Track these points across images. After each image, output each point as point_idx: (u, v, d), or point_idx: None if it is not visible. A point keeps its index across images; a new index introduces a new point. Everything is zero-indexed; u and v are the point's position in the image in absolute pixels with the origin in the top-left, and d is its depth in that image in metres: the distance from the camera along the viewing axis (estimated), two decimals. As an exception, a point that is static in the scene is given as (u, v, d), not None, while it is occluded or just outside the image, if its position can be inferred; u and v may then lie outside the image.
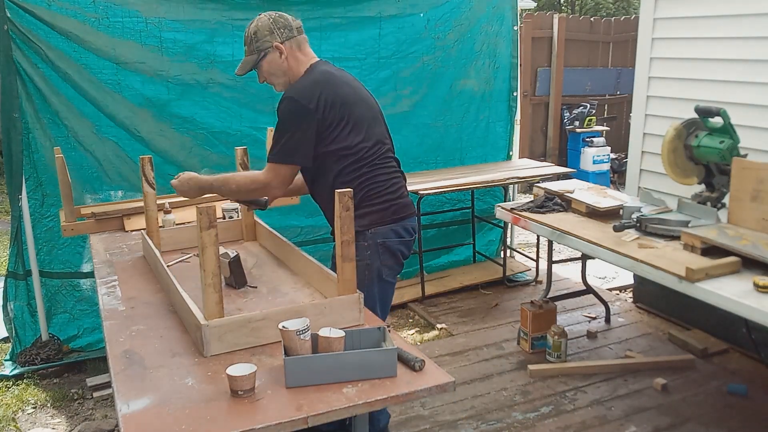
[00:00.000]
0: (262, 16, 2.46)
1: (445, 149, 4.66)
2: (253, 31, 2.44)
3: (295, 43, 2.45)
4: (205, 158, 3.88)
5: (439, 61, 4.44)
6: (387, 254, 2.44)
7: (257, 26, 2.43)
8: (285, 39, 2.42)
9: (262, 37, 2.42)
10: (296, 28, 2.46)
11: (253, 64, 2.47)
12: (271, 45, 2.41)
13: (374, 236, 2.39)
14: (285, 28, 2.43)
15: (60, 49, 3.46)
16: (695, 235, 2.59)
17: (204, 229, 1.81)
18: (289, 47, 2.43)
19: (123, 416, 1.56)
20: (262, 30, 2.42)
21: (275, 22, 2.43)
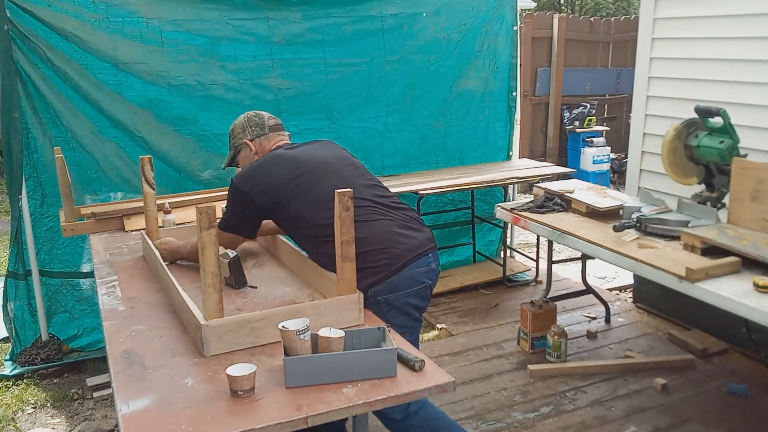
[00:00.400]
0: (242, 115, 2.68)
1: (445, 149, 4.66)
2: (232, 128, 2.68)
3: (265, 139, 2.62)
4: (207, 160, 3.87)
5: (442, 61, 4.45)
6: (395, 312, 2.20)
7: (234, 124, 2.67)
8: (255, 136, 2.61)
9: (236, 135, 2.65)
10: (269, 126, 2.63)
11: (230, 159, 2.71)
12: (243, 142, 2.62)
13: (375, 295, 2.19)
14: (257, 126, 2.63)
15: (60, 50, 3.45)
16: (695, 235, 2.59)
17: (204, 229, 1.81)
18: (258, 143, 2.61)
19: (123, 416, 1.56)
20: (237, 128, 2.65)
21: (249, 121, 2.65)
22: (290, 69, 3.96)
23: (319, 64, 4.04)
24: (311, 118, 4.09)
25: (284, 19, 3.89)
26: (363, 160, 4.37)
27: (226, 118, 3.87)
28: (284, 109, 3.98)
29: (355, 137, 4.26)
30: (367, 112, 4.27)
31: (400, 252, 2.22)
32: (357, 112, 4.25)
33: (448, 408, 3.10)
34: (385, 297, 2.19)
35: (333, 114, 4.16)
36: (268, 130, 2.62)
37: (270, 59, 3.88)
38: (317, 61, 4.03)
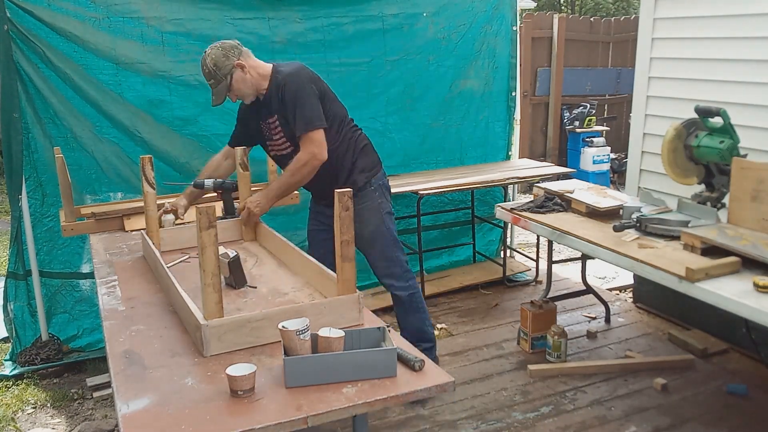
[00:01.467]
0: (209, 50, 2.80)
1: (445, 149, 4.66)
2: (212, 65, 2.77)
3: (245, 55, 2.81)
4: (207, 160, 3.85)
5: (441, 61, 4.45)
6: (387, 192, 3.09)
7: (213, 59, 2.77)
8: (238, 56, 2.78)
9: (222, 65, 2.76)
10: (237, 44, 2.83)
11: (226, 89, 2.80)
12: (233, 65, 2.76)
13: (377, 180, 3.01)
14: (233, 48, 2.79)
15: (60, 50, 3.45)
16: (695, 235, 2.59)
17: (204, 229, 1.81)
18: (245, 60, 2.78)
19: (123, 416, 1.56)
20: (219, 59, 2.76)
21: (223, 48, 2.78)
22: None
23: (320, 64, 4.03)
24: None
25: (285, 19, 3.89)
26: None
27: (226, 118, 3.87)
28: None
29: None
30: (367, 112, 4.26)
31: (378, 156, 3.12)
32: (357, 112, 4.21)
33: (448, 408, 3.10)
34: (383, 182, 3.05)
35: None
36: (239, 48, 2.81)
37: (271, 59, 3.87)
38: (317, 61, 4.02)
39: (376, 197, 2.99)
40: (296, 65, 2.84)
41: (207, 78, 2.82)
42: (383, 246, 3.03)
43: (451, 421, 3.01)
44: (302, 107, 2.71)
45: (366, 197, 2.97)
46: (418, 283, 3.22)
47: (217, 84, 2.79)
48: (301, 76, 2.75)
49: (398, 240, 3.11)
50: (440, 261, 4.83)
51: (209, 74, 2.79)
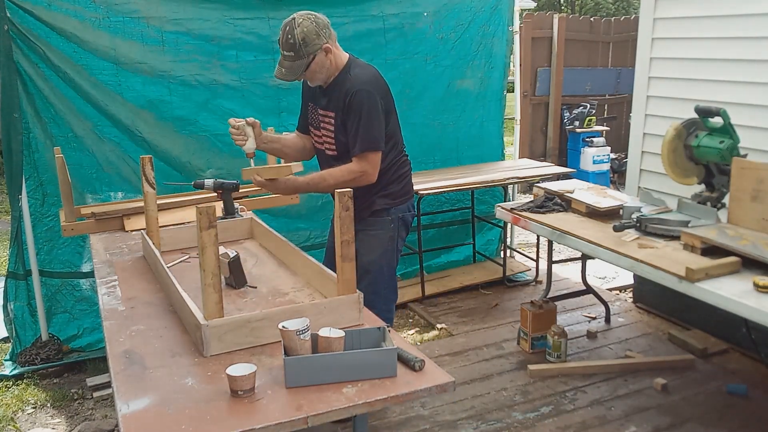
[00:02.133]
0: (301, 20, 2.50)
1: (442, 149, 4.66)
2: (301, 37, 2.49)
3: (333, 39, 2.60)
4: (208, 160, 3.86)
5: (439, 61, 4.45)
6: (402, 226, 2.85)
7: (304, 32, 2.49)
8: (328, 37, 2.56)
9: (311, 42, 2.50)
10: (329, 24, 2.60)
11: (304, 68, 2.55)
12: (320, 47, 2.53)
13: (397, 212, 2.79)
14: (326, 27, 2.56)
15: (60, 49, 3.45)
16: (695, 235, 2.59)
17: (204, 229, 1.81)
18: (334, 46, 2.59)
19: (123, 416, 1.56)
20: (310, 34, 2.49)
21: (317, 24, 2.52)
22: None
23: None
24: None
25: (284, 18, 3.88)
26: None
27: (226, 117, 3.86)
28: (284, 109, 3.98)
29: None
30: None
31: (412, 185, 2.93)
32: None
33: (448, 408, 3.10)
34: (403, 215, 2.83)
35: None
36: (331, 29, 2.61)
37: (272, 59, 3.88)
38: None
39: (390, 228, 2.78)
40: (372, 73, 2.65)
41: (285, 48, 2.52)
42: (375, 279, 2.78)
43: (451, 421, 3.01)
44: (368, 126, 2.55)
45: (377, 224, 2.77)
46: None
47: (296, 59, 2.52)
48: (376, 92, 2.58)
49: (395, 277, 2.92)
50: (440, 261, 4.83)
51: (291, 45, 2.49)
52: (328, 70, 2.61)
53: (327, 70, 2.61)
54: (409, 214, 2.88)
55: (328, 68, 2.60)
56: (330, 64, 2.60)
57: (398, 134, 2.79)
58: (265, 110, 3.92)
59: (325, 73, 2.61)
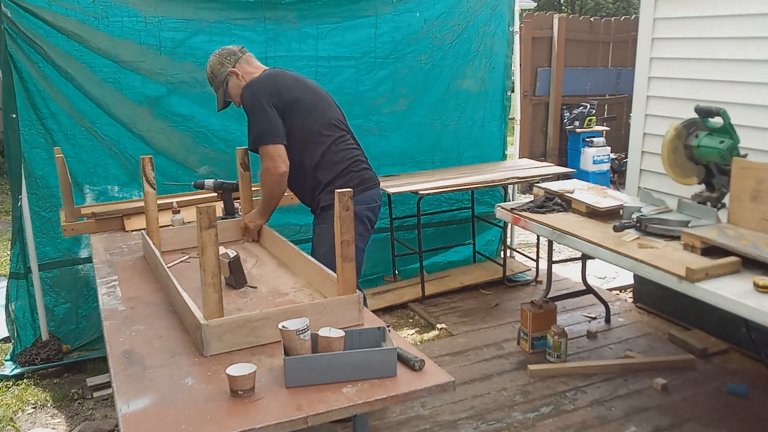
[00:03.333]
0: (211, 58, 2.91)
1: (442, 149, 4.66)
2: (209, 72, 2.90)
3: (244, 62, 2.89)
4: (204, 155, 3.90)
5: (436, 61, 4.44)
6: (357, 221, 2.65)
7: (210, 67, 2.89)
8: (234, 62, 2.86)
9: (218, 72, 2.87)
10: (239, 50, 2.91)
11: (224, 95, 2.91)
12: (227, 73, 2.86)
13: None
14: (230, 54, 2.88)
15: (60, 48, 3.46)
16: (695, 235, 2.59)
17: (204, 229, 1.81)
18: (240, 68, 2.86)
19: (123, 416, 1.56)
20: (215, 66, 2.88)
21: (221, 56, 2.89)
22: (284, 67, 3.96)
23: (313, 63, 4.05)
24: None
25: (280, 19, 3.90)
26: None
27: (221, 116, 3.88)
28: None
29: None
30: (361, 111, 4.27)
31: (367, 177, 2.91)
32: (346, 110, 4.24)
33: (448, 408, 3.10)
34: (358, 209, 2.66)
35: None
36: (240, 53, 2.89)
37: (264, 57, 3.89)
38: (311, 60, 4.04)
39: None
40: (264, 75, 2.84)
41: (210, 84, 2.94)
42: None
43: (451, 421, 3.01)
44: (253, 122, 2.74)
45: (327, 218, 2.76)
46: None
47: (216, 90, 2.91)
48: (256, 89, 2.76)
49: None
50: (440, 261, 4.83)
51: (209, 80, 2.92)
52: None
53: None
54: (363, 207, 2.84)
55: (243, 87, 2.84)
56: (246, 83, 2.83)
57: (316, 127, 2.82)
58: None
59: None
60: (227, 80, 2.87)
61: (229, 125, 3.90)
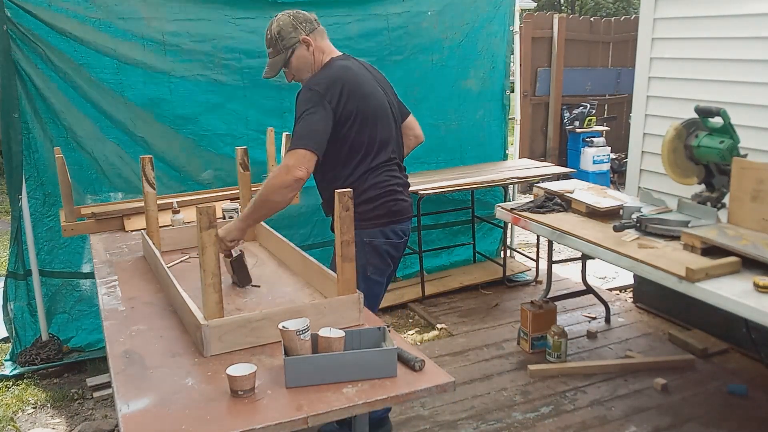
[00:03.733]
0: (280, 16, 2.51)
1: (445, 149, 4.67)
2: (276, 31, 2.48)
3: (318, 34, 2.53)
4: (208, 160, 3.86)
5: (445, 61, 4.44)
6: (373, 253, 2.52)
7: (279, 26, 2.48)
8: (309, 31, 2.49)
9: (287, 35, 2.47)
10: (315, 20, 2.55)
11: (283, 63, 2.52)
12: (298, 40, 2.48)
13: (363, 234, 2.45)
14: (306, 21, 2.51)
15: (60, 49, 3.45)
16: (695, 235, 2.59)
17: (204, 229, 1.81)
18: (314, 39, 2.50)
19: (123, 416, 1.56)
20: (286, 28, 2.47)
21: (296, 18, 2.50)
22: None
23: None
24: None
25: None
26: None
27: (227, 118, 3.87)
28: (287, 110, 3.97)
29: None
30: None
31: (400, 209, 2.57)
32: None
33: (448, 408, 3.10)
34: (370, 240, 2.50)
35: None
36: (316, 24, 2.54)
37: None
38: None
39: (364, 252, 2.46)
40: (330, 73, 2.45)
41: (267, 45, 2.53)
42: None
43: (451, 421, 3.01)
44: (300, 124, 2.35)
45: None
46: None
47: (275, 54, 2.51)
48: (323, 90, 2.37)
49: (373, 308, 2.51)
50: (440, 261, 4.83)
51: (269, 41, 2.51)
52: (312, 66, 2.52)
53: (311, 66, 2.52)
54: (383, 241, 2.52)
55: (311, 64, 2.51)
56: (313, 60, 2.51)
57: (367, 146, 2.47)
58: (267, 111, 3.92)
59: (309, 69, 2.52)
60: (295, 47, 2.47)
61: (235, 128, 3.87)
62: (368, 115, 2.46)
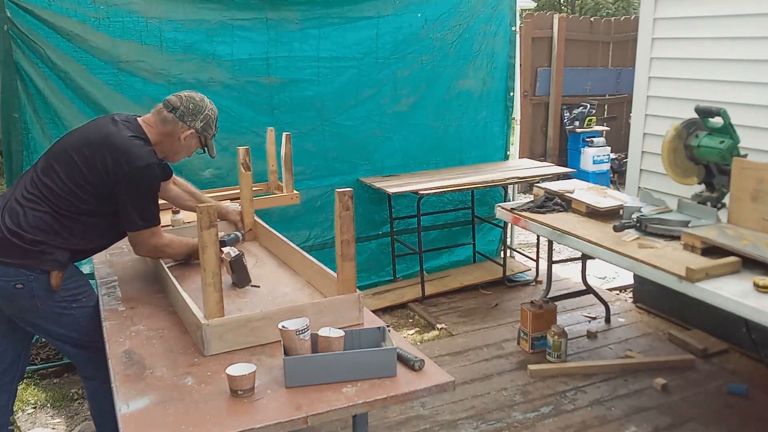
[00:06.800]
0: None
1: (444, 149, 4.67)
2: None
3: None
4: (205, 158, 3.85)
5: (438, 62, 4.45)
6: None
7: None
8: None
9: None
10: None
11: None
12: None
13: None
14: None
15: (60, 49, 3.45)
16: (695, 235, 2.59)
17: (204, 228, 1.81)
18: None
19: (123, 416, 1.56)
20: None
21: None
22: (285, 67, 3.97)
23: (315, 63, 4.05)
24: (304, 116, 4.10)
25: (282, 19, 3.90)
26: (361, 160, 4.39)
27: (223, 116, 3.84)
28: (277, 107, 3.99)
29: (350, 136, 4.27)
30: (362, 112, 4.27)
31: None
32: (350, 112, 4.25)
33: (448, 408, 3.10)
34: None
35: (325, 113, 4.17)
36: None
37: (266, 57, 3.90)
38: (313, 60, 4.04)
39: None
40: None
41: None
42: None
43: (451, 421, 3.01)
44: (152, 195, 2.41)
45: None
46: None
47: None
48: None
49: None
50: (440, 261, 4.83)
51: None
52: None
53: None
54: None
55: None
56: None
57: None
58: (258, 107, 3.95)
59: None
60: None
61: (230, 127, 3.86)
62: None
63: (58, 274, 2.23)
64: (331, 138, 4.21)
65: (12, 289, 2.19)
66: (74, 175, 2.23)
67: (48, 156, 2.35)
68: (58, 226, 2.22)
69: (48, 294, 2.23)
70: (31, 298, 2.21)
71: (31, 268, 2.19)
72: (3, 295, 2.22)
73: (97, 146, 2.24)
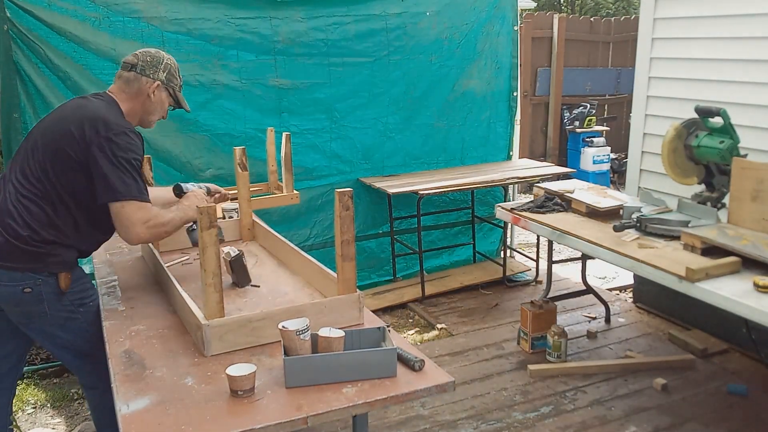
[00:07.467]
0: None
1: (447, 149, 4.67)
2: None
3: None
4: (209, 159, 3.86)
5: (444, 61, 4.45)
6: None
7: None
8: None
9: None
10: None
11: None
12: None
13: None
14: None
15: (60, 49, 3.45)
16: (695, 235, 2.59)
17: (204, 229, 1.81)
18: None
19: (123, 416, 1.56)
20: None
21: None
22: (292, 68, 3.97)
23: (321, 63, 4.05)
24: (312, 118, 4.10)
25: (287, 18, 3.89)
26: (363, 159, 4.40)
27: (226, 117, 3.88)
28: (285, 109, 3.98)
29: (356, 137, 4.27)
30: (369, 113, 4.28)
31: None
32: (358, 113, 4.25)
33: (448, 408, 3.10)
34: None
35: (334, 114, 4.16)
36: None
37: (273, 58, 3.89)
38: (319, 61, 4.04)
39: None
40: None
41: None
42: None
43: (451, 421, 3.01)
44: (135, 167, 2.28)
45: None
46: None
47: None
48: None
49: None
50: (440, 261, 4.83)
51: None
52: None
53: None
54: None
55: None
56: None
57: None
58: (265, 110, 3.93)
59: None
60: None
61: (233, 128, 3.89)
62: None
63: (66, 275, 2.20)
64: (338, 140, 4.21)
65: (20, 294, 2.14)
66: (58, 154, 2.14)
67: (25, 149, 2.24)
68: (56, 218, 2.16)
69: (57, 297, 2.20)
70: (39, 303, 2.17)
71: (39, 272, 2.15)
72: (9, 301, 2.18)
73: (72, 119, 2.18)
